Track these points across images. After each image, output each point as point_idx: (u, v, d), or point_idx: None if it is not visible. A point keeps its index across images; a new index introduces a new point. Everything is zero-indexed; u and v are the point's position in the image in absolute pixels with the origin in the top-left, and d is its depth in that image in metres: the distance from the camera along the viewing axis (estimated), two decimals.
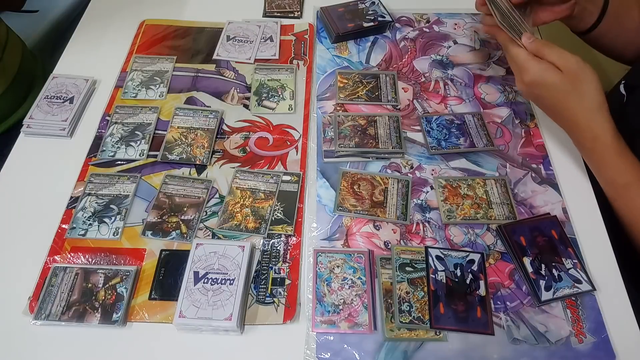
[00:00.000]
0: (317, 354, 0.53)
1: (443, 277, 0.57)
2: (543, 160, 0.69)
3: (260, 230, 0.61)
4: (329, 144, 0.70)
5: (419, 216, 0.64)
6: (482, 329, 0.54)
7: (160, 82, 0.77)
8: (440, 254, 0.59)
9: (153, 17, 0.88)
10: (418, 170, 0.68)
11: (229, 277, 0.55)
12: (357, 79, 0.78)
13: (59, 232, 0.61)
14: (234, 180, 0.66)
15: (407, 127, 0.73)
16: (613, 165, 0.59)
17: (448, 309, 0.55)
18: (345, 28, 0.83)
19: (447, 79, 0.79)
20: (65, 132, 0.70)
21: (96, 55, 0.82)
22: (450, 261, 0.58)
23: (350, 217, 0.63)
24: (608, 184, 0.61)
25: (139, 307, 0.56)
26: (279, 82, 0.78)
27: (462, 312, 0.55)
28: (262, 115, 0.74)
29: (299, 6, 0.89)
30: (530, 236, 0.60)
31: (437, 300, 0.55)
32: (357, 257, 0.59)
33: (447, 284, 0.57)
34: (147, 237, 0.61)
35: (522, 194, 0.66)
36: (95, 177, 0.66)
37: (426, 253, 0.59)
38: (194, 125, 0.71)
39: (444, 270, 0.57)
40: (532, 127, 0.73)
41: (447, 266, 0.58)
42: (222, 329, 0.53)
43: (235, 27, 0.86)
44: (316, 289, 0.57)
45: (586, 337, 0.54)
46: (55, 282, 0.56)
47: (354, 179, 0.66)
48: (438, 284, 0.56)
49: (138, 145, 0.69)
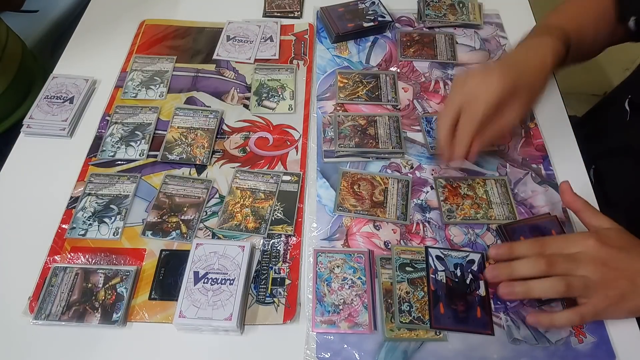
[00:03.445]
0: (317, 354, 0.53)
1: (443, 277, 0.57)
2: (543, 160, 0.69)
3: (260, 230, 0.61)
4: (329, 144, 0.70)
5: (419, 216, 0.64)
6: (482, 329, 0.54)
7: (160, 82, 0.77)
8: (440, 254, 0.59)
9: (153, 17, 0.88)
10: (418, 170, 0.68)
11: (229, 277, 0.55)
12: (357, 79, 0.78)
13: (59, 232, 0.61)
14: (234, 180, 0.66)
15: (407, 127, 0.73)
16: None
17: (448, 309, 0.55)
18: (345, 28, 0.83)
19: (447, 79, 0.79)
20: (65, 132, 0.70)
21: (96, 55, 0.82)
22: (450, 261, 0.58)
23: (350, 217, 0.63)
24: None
25: (139, 307, 0.56)
26: (279, 82, 0.78)
27: (462, 312, 0.55)
28: (262, 115, 0.74)
29: (299, 6, 0.89)
30: (530, 236, 0.60)
31: (437, 300, 0.55)
32: (357, 257, 0.59)
33: (447, 284, 0.56)
34: (147, 237, 0.61)
35: (522, 194, 0.66)
36: (95, 177, 0.66)
37: (426, 253, 0.59)
38: (194, 125, 0.71)
39: (444, 270, 0.57)
40: (532, 127, 0.73)
41: (447, 266, 0.58)
42: (222, 329, 0.53)
43: (235, 27, 0.86)
44: (316, 289, 0.57)
45: (586, 337, 0.54)
46: (55, 282, 0.56)
47: (354, 179, 0.66)
48: (438, 284, 0.56)
49: (138, 145, 0.69)
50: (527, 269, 0.52)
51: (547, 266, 0.51)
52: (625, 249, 0.52)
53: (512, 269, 0.52)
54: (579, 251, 0.52)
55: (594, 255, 0.51)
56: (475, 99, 0.56)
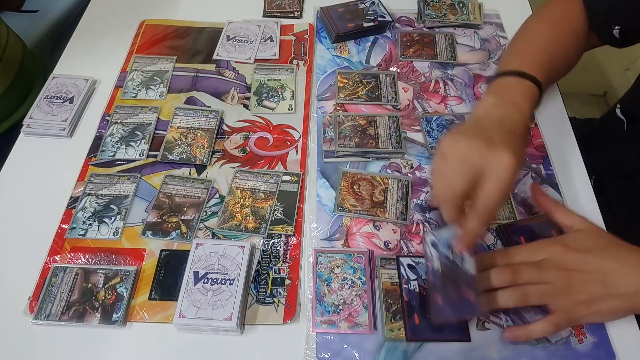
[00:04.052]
0: (317, 354, 0.53)
1: (416, 287, 0.56)
2: (543, 160, 0.69)
3: (260, 230, 0.61)
4: (329, 144, 0.70)
5: (419, 216, 0.64)
6: (458, 337, 0.53)
7: (160, 82, 0.77)
8: (412, 262, 0.58)
9: (153, 17, 0.88)
10: (418, 170, 0.68)
11: (229, 277, 0.55)
12: (357, 79, 0.78)
13: (59, 232, 0.61)
14: (234, 180, 0.66)
15: (407, 127, 0.73)
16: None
17: (423, 319, 0.54)
18: (345, 28, 0.83)
19: (447, 79, 0.79)
20: (65, 132, 0.70)
21: (96, 55, 0.82)
22: (422, 269, 0.57)
23: (350, 217, 0.63)
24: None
25: (139, 307, 0.56)
26: (279, 82, 0.78)
27: None
28: (262, 115, 0.74)
29: (299, 6, 0.89)
30: (530, 236, 0.60)
31: (412, 311, 0.55)
32: (357, 257, 0.59)
33: (421, 293, 0.56)
34: (147, 237, 0.61)
35: (522, 194, 0.66)
36: (95, 177, 0.66)
37: (397, 263, 0.58)
38: (194, 125, 0.71)
39: (417, 279, 0.57)
40: (532, 127, 0.73)
41: (420, 275, 0.57)
42: (222, 329, 0.53)
43: (235, 27, 0.86)
44: (316, 289, 0.57)
45: (586, 337, 0.54)
46: (55, 282, 0.56)
47: (354, 179, 0.66)
48: (411, 294, 0.56)
49: (138, 145, 0.69)
50: (494, 280, 0.52)
51: (511, 275, 0.51)
52: (594, 251, 0.52)
53: (480, 282, 0.52)
54: (545, 258, 0.52)
55: (558, 261, 0.51)
56: (488, 178, 0.48)
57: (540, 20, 0.68)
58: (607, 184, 0.73)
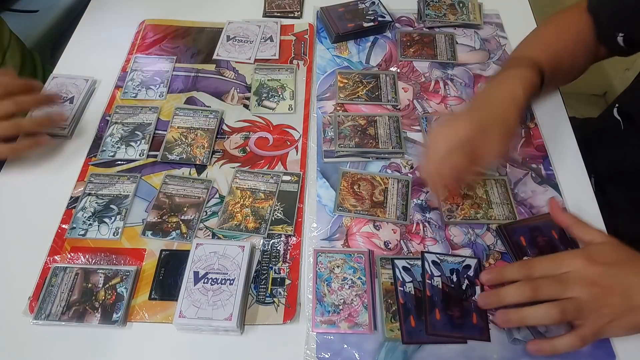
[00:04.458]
0: (317, 354, 0.53)
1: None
2: (543, 160, 0.69)
3: (260, 230, 0.61)
4: (329, 144, 0.70)
5: (419, 216, 0.64)
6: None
7: (160, 82, 0.77)
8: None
9: (153, 17, 0.88)
10: (418, 170, 0.68)
11: (229, 277, 0.55)
12: (357, 79, 0.78)
13: (59, 232, 0.61)
14: (234, 180, 0.66)
15: (407, 127, 0.73)
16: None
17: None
18: (345, 28, 0.83)
19: (447, 79, 0.79)
20: (65, 132, 0.70)
21: (96, 55, 0.82)
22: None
23: (350, 217, 0.63)
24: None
25: (139, 307, 0.56)
26: (279, 82, 0.78)
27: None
28: (262, 115, 0.74)
29: (299, 6, 0.89)
30: (530, 236, 0.60)
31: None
32: (357, 257, 0.59)
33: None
34: (147, 237, 0.61)
35: (522, 194, 0.66)
36: (95, 177, 0.66)
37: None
38: (194, 125, 0.71)
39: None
40: (532, 127, 0.73)
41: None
42: (222, 329, 0.53)
43: (235, 27, 0.86)
44: (316, 289, 0.57)
45: None
46: (55, 282, 0.56)
47: (354, 179, 0.66)
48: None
49: (138, 145, 0.69)
50: (514, 296, 0.52)
51: (532, 292, 0.51)
52: (617, 264, 0.51)
53: (500, 297, 0.52)
54: (568, 271, 0.51)
55: (583, 275, 0.51)
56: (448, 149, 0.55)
57: (547, 24, 0.70)
58: (607, 184, 0.73)
